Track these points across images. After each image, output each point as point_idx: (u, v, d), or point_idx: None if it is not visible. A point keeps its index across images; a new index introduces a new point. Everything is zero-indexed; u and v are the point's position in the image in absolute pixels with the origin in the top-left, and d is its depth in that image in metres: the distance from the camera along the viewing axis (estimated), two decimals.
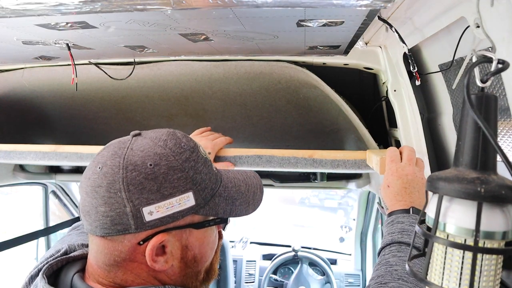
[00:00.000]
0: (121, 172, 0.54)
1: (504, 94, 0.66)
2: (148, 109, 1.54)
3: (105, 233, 0.55)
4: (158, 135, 0.60)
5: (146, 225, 0.55)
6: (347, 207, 8.73)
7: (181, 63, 1.21)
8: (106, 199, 0.54)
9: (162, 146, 0.58)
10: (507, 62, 0.43)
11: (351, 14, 0.70)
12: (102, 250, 0.57)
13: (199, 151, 0.62)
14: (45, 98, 1.51)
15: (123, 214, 0.54)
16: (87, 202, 0.56)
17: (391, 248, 0.76)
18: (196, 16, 0.71)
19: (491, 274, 0.41)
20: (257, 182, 0.73)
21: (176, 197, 0.56)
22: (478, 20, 0.57)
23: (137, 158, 0.55)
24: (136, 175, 0.54)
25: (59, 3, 0.60)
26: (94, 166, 0.57)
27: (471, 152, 0.43)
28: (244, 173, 0.74)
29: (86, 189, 0.56)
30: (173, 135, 0.61)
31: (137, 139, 0.59)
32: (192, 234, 0.60)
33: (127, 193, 0.54)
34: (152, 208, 0.54)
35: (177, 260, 0.60)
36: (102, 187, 0.54)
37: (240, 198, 0.67)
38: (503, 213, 0.41)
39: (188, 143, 0.61)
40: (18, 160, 1.28)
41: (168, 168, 0.56)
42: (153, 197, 0.54)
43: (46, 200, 2.46)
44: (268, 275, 3.06)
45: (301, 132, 1.56)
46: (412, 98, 1.06)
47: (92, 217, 0.55)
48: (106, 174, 0.55)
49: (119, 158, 0.56)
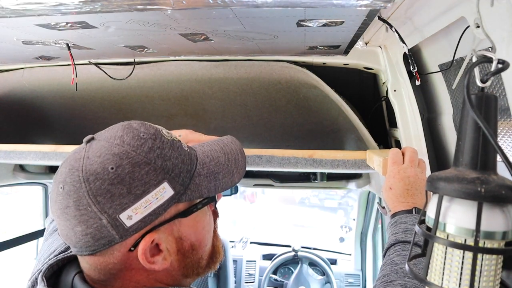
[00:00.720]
0: (84, 186, 0.50)
1: (504, 94, 0.66)
2: (148, 109, 1.54)
3: (92, 251, 0.52)
4: (112, 133, 0.56)
5: (129, 230, 0.51)
6: (347, 207, 8.73)
7: (181, 63, 1.21)
8: (78, 218, 0.50)
9: (119, 144, 0.53)
10: (507, 62, 0.43)
11: (351, 14, 0.70)
12: (95, 267, 0.54)
13: (162, 135, 0.57)
14: (45, 98, 1.51)
15: (101, 227, 0.50)
16: (62, 225, 0.53)
17: (395, 247, 0.76)
18: (196, 16, 0.71)
19: (491, 274, 0.41)
20: (235, 147, 0.69)
21: (150, 193, 0.52)
22: (478, 20, 0.57)
23: (96, 165, 0.51)
24: (100, 184, 0.50)
25: (59, 3, 0.60)
26: (56, 187, 0.53)
27: (471, 152, 0.43)
28: (220, 142, 0.69)
29: (56, 212, 0.53)
30: (129, 128, 0.56)
31: (91, 144, 0.55)
32: (182, 223, 0.57)
33: (97, 205, 0.50)
34: (129, 212, 0.51)
35: (174, 254, 0.57)
36: (70, 207, 0.51)
37: (222, 170, 0.62)
38: (503, 213, 0.41)
39: (147, 131, 0.56)
40: (18, 160, 1.28)
41: (132, 165, 0.52)
42: (126, 201, 0.50)
43: (46, 200, 2.46)
44: (268, 275, 3.06)
45: (301, 132, 1.56)
46: (412, 98, 1.06)
47: (73, 239, 0.52)
48: (69, 192, 0.51)
49: (77, 171, 0.51)
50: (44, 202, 2.46)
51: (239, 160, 0.66)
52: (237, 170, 0.65)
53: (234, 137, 0.73)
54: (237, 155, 0.67)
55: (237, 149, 0.69)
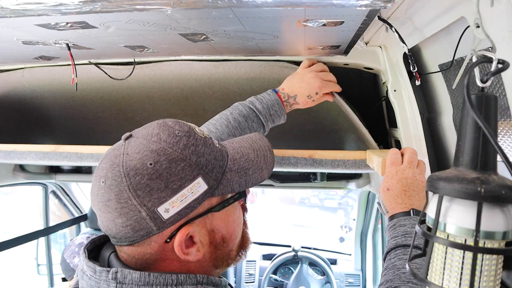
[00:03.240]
0: (125, 181, 0.54)
1: (504, 94, 0.66)
2: (148, 109, 1.54)
3: (131, 241, 0.56)
4: (149, 130, 0.59)
5: (166, 222, 0.55)
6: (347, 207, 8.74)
7: (181, 63, 1.21)
8: (119, 210, 0.54)
9: (156, 141, 0.56)
10: (507, 62, 0.43)
11: (351, 14, 0.69)
12: (133, 256, 0.58)
13: (195, 133, 0.60)
14: (45, 98, 1.51)
15: (140, 219, 0.54)
16: (103, 218, 0.57)
17: (396, 251, 0.76)
18: (196, 16, 0.71)
19: (492, 274, 0.41)
20: (264, 144, 0.71)
21: (186, 187, 0.55)
22: (478, 20, 0.57)
23: (136, 161, 0.55)
24: (140, 178, 0.53)
25: (59, 3, 0.60)
26: (98, 181, 0.56)
27: (471, 152, 0.43)
28: (249, 139, 0.72)
29: (98, 205, 0.56)
30: (164, 126, 0.59)
31: (130, 141, 0.58)
32: (214, 217, 0.60)
33: (137, 199, 0.53)
34: (167, 205, 0.54)
35: (207, 246, 0.60)
36: (112, 200, 0.54)
37: (252, 166, 0.65)
38: (503, 213, 0.41)
39: (181, 129, 0.59)
40: (18, 160, 1.28)
41: (169, 161, 0.55)
42: (164, 195, 0.54)
43: (46, 200, 2.47)
44: (268, 275, 3.06)
45: (301, 132, 1.56)
46: (412, 98, 1.06)
47: (113, 230, 0.56)
48: (111, 186, 0.54)
49: (118, 167, 0.55)
50: (44, 202, 2.46)
51: (268, 157, 0.69)
52: (266, 166, 0.68)
53: (262, 135, 0.75)
54: (266, 152, 0.70)
55: (266, 145, 0.71)
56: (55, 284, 2.64)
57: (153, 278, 0.55)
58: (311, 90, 1.03)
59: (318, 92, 1.04)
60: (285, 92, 1.04)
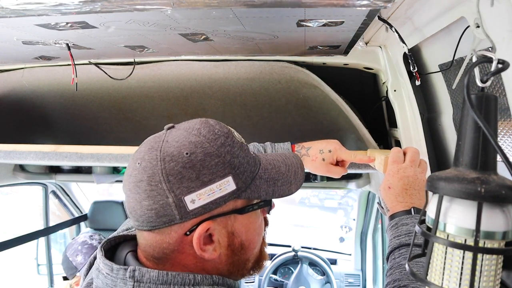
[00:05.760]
0: (159, 164, 0.55)
1: (504, 94, 0.66)
2: (148, 109, 1.54)
3: (152, 227, 0.56)
4: (191, 125, 0.61)
5: (190, 213, 0.55)
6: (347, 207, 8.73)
7: (181, 63, 1.21)
8: (148, 193, 0.55)
9: (196, 135, 0.58)
10: (507, 62, 0.43)
11: (351, 14, 0.69)
12: (151, 243, 0.58)
13: (234, 136, 0.62)
14: (45, 98, 1.51)
15: (166, 205, 0.55)
16: (131, 198, 0.57)
17: (400, 251, 0.76)
18: (196, 16, 0.71)
19: (491, 274, 0.41)
20: (297, 161, 0.73)
21: (216, 182, 0.56)
22: (478, 20, 0.57)
23: (173, 149, 0.56)
24: (174, 165, 0.55)
25: (59, 3, 0.60)
26: (134, 163, 0.58)
27: (471, 152, 0.43)
28: (282, 155, 0.73)
29: (129, 185, 0.57)
30: (206, 123, 0.61)
31: (171, 131, 0.60)
32: (237, 219, 0.60)
33: (168, 184, 0.54)
34: (194, 196, 0.55)
35: (224, 248, 0.60)
36: (143, 181, 0.55)
37: (282, 178, 0.66)
38: (503, 213, 0.41)
39: (221, 129, 0.61)
40: (18, 160, 1.28)
41: (205, 154, 0.56)
42: (193, 185, 0.55)
43: (46, 200, 2.47)
44: (268, 275, 3.06)
45: (301, 132, 1.56)
46: (412, 98, 1.06)
47: (138, 212, 0.57)
48: (145, 168, 0.56)
49: (155, 151, 0.56)
50: (44, 202, 2.46)
51: (299, 173, 0.71)
52: (295, 181, 0.69)
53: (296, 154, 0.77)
54: (297, 168, 0.71)
55: (298, 163, 0.73)
56: (55, 284, 2.64)
57: (171, 277, 0.55)
58: (326, 146, 0.97)
59: (331, 150, 0.96)
60: (302, 144, 1.01)
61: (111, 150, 1.21)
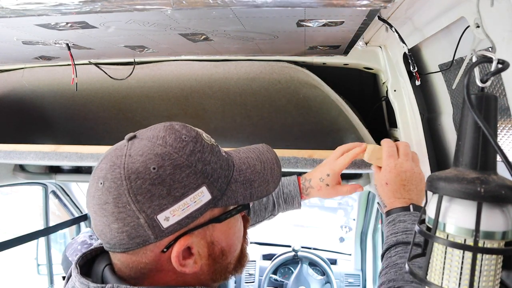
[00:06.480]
0: (125, 184, 0.50)
1: (504, 94, 0.66)
2: (148, 109, 1.54)
3: (125, 249, 0.52)
4: (154, 133, 0.56)
5: (165, 231, 0.51)
6: (347, 207, 8.72)
7: (181, 63, 1.21)
8: (116, 215, 0.51)
9: (161, 145, 0.53)
10: (507, 62, 0.43)
11: (351, 14, 0.69)
12: (127, 265, 0.55)
13: (203, 140, 0.57)
14: (45, 98, 1.51)
15: (138, 226, 0.50)
16: (97, 221, 0.53)
17: (396, 249, 0.75)
18: (196, 16, 0.71)
19: (491, 274, 0.41)
20: (271, 156, 0.68)
21: (189, 196, 0.52)
22: (478, 20, 0.57)
23: (138, 164, 0.51)
24: (141, 183, 0.50)
25: (59, 3, 0.60)
26: (96, 182, 0.53)
27: (471, 152, 0.43)
28: (255, 150, 0.68)
29: (94, 208, 0.53)
30: (171, 129, 0.56)
31: (133, 142, 0.55)
32: (215, 228, 0.57)
33: (137, 204, 0.50)
34: (167, 214, 0.51)
35: (205, 258, 0.57)
36: (109, 203, 0.51)
37: (258, 178, 0.62)
38: (503, 213, 0.41)
39: (189, 134, 0.56)
40: (18, 160, 1.28)
41: (174, 167, 0.52)
42: (165, 202, 0.50)
43: (46, 200, 2.46)
44: (268, 275, 3.06)
45: (301, 132, 1.56)
46: (412, 98, 1.06)
47: (107, 235, 0.52)
48: (109, 189, 0.51)
49: (119, 169, 0.51)
50: (44, 202, 2.46)
51: (275, 170, 0.66)
52: (272, 180, 0.64)
53: (269, 146, 0.72)
54: (273, 165, 0.66)
55: (273, 158, 0.68)
56: (55, 284, 2.64)
57: None
58: (323, 171, 0.94)
59: (329, 173, 0.94)
60: (305, 176, 0.99)
61: None
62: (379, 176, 0.85)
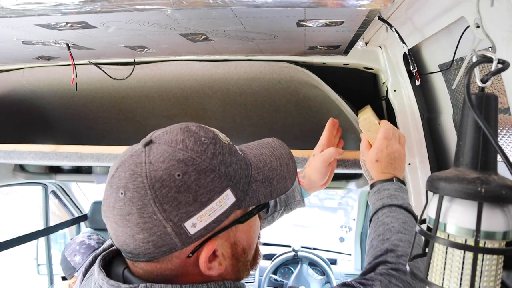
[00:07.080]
0: (150, 193, 0.49)
1: (504, 94, 0.66)
2: (148, 109, 1.54)
3: (150, 258, 0.51)
4: (172, 136, 0.54)
5: (192, 238, 0.51)
6: (347, 207, 8.72)
7: (181, 63, 1.21)
8: (141, 226, 0.49)
9: (182, 150, 0.52)
10: (507, 62, 0.43)
11: (351, 14, 0.69)
12: (151, 272, 0.54)
13: (220, 140, 0.56)
14: (45, 98, 1.51)
15: (165, 235, 0.49)
16: (119, 232, 0.51)
17: (383, 210, 0.83)
18: (196, 16, 0.71)
19: (492, 274, 0.41)
20: (285, 151, 0.67)
21: (215, 200, 0.51)
22: (478, 20, 0.57)
23: (161, 172, 0.49)
24: (167, 191, 0.49)
25: (59, 3, 0.60)
26: (115, 192, 0.51)
27: (472, 152, 0.43)
28: (268, 145, 0.67)
29: (114, 218, 0.51)
30: (189, 132, 0.55)
31: (151, 148, 0.52)
32: (238, 229, 0.57)
33: (163, 214, 0.49)
34: (194, 220, 0.50)
35: (228, 259, 0.57)
36: (133, 214, 0.49)
37: (276, 175, 0.61)
38: (503, 213, 0.41)
39: (207, 135, 0.55)
40: (18, 160, 1.28)
41: (198, 172, 0.51)
42: (192, 209, 0.50)
43: (46, 200, 2.47)
44: (268, 275, 3.06)
45: (301, 132, 1.56)
46: (412, 98, 1.06)
47: (130, 245, 0.51)
48: (132, 199, 0.49)
49: (140, 177, 0.50)
50: (44, 202, 2.46)
51: (291, 165, 0.65)
52: (289, 175, 0.64)
53: (281, 141, 0.71)
54: (288, 160, 0.66)
55: (287, 153, 0.67)
56: (55, 284, 2.64)
57: None
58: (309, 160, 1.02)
59: (314, 154, 1.00)
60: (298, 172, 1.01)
61: (111, 150, 1.21)
62: (370, 153, 0.93)
